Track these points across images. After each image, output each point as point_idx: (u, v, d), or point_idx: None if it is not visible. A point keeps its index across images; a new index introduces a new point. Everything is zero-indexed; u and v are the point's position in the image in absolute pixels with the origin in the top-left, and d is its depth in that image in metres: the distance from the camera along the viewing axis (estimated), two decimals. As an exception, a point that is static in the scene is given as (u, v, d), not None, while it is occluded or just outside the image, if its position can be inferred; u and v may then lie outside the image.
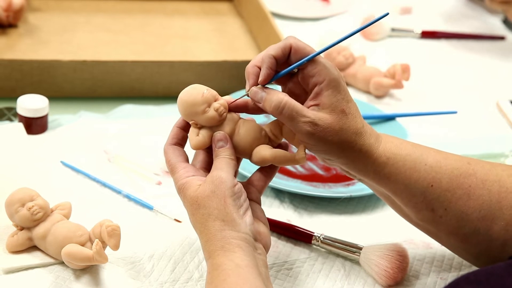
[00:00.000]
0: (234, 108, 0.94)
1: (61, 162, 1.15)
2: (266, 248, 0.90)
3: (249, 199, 0.91)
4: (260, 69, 0.91)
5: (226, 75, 1.34)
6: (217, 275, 0.84)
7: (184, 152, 0.93)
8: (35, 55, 1.36)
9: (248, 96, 0.92)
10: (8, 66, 1.27)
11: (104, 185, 1.12)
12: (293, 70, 0.91)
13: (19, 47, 1.39)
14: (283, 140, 0.95)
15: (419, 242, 1.08)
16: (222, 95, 1.30)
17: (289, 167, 1.20)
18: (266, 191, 1.14)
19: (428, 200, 0.92)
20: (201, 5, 1.63)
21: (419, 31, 1.66)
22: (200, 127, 0.92)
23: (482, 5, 1.80)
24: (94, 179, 1.12)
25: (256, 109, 0.93)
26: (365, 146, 0.91)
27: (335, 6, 1.73)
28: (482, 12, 1.80)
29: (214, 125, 0.92)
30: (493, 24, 1.75)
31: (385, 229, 1.10)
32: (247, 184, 0.94)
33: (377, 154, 0.92)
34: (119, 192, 1.10)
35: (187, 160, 0.93)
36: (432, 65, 1.57)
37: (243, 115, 0.95)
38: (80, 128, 1.23)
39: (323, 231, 1.07)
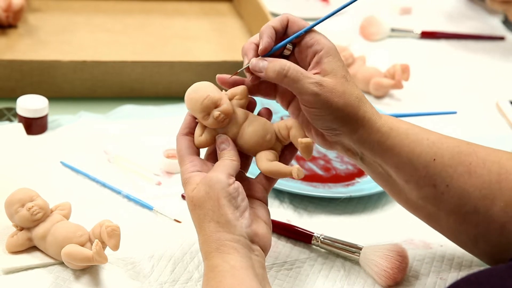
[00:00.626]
0: (232, 85, 0.94)
1: (61, 162, 1.15)
2: (265, 249, 0.90)
3: (254, 198, 0.92)
4: (257, 46, 0.91)
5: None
6: (213, 276, 0.84)
7: (194, 146, 0.93)
8: (35, 55, 1.36)
9: (246, 71, 0.92)
10: (8, 66, 1.27)
11: (104, 185, 1.12)
12: (289, 49, 0.92)
13: (19, 48, 1.39)
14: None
15: (419, 242, 1.08)
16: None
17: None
18: (266, 192, 1.14)
19: (430, 174, 0.92)
20: (201, 5, 1.63)
21: (419, 32, 1.66)
22: (205, 126, 0.92)
23: (482, 5, 1.80)
24: (94, 180, 1.12)
25: (254, 89, 0.94)
26: (368, 113, 0.91)
27: (335, 6, 1.73)
28: (481, 12, 1.80)
29: (219, 127, 0.92)
30: (493, 24, 1.75)
31: (385, 229, 1.10)
32: (254, 182, 0.94)
33: (380, 123, 0.92)
34: (119, 193, 1.10)
35: (196, 152, 0.92)
36: (431, 66, 1.57)
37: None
38: (80, 129, 1.23)
39: (322, 231, 1.07)
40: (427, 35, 1.66)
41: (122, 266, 0.97)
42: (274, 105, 1.32)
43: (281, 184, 1.14)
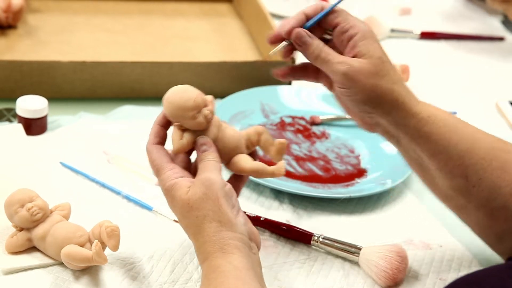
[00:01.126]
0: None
1: (61, 163, 1.15)
2: (259, 247, 0.90)
3: None
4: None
5: (226, 76, 1.34)
6: (215, 277, 0.84)
7: (168, 151, 0.93)
8: (34, 56, 1.36)
9: (287, 41, 0.95)
10: (8, 67, 1.27)
11: (104, 186, 1.12)
12: (329, 33, 0.96)
13: (19, 48, 1.39)
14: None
15: (419, 243, 1.08)
16: (222, 96, 1.30)
17: (288, 168, 1.20)
18: (266, 192, 1.14)
19: (464, 165, 0.92)
20: (200, 6, 1.63)
21: (419, 32, 1.66)
22: (184, 129, 0.91)
23: (482, 6, 1.80)
24: (93, 180, 1.12)
25: (300, 71, 0.99)
26: (402, 96, 0.92)
27: (335, 7, 1.73)
28: (481, 13, 1.80)
29: (199, 130, 0.92)
30: (493, 25, 1.75)
31: (385, 229, 1.10)
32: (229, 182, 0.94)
33: (417, 109, 0.92)
34: (118, 193, 1.11)
35: (172, 160, 0.92)
36: (431, 66, 1.57)
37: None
38: (79, 129, 1.23)
39: (322, 231, 1.07)
40: (426, 35, 1.66)
41: (122, 267, 0.97)
42: (274, 105, 1.33)
43: (281, 184, 1.14)
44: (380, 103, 0.91)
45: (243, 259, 0.85)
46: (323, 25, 0.96)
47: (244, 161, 0.93)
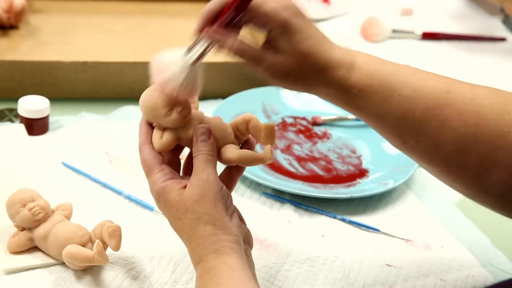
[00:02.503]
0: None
1: (62, 163, 1.15)
2: (251, 247, 0.89)
3: None
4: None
5: (227, 77, 1.34)
6: (210, 278, 0.83)
7: (160, 154, 0.91)
8: (36, 56, 1.36)
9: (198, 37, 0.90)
10: (10, 67, 1.27)
11: (105, 186, 1.12)
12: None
13: (21, 49, 1.39)
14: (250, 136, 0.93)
15: (420, 244, 1.08)
16: (224, 97, 1.30)
17: (290, 168, 1.20)
18: (267, 192, 1.14)
19: (399, 131, 0.90)
20: (202, 6, 1.61)
21: (420, 33, 1.65)
22: (163, 128, 0.90)
23: (483, 6, 1.80)
24: (95, 180, 1.12)
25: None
26: (333, 81, 0.89)
27: (336, 7, 1.73)
28: (483, 13, 1.80)
29: (179, 127, 0.90)
30: (494, 25, 1.75)
31: (386, 230, 1.10)
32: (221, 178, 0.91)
33: (347, 85, 0.89)
34: (120, 193, 1.11)
35: (162, 161, 0.90)
36: (433, 66, 1.56)
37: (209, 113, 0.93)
38: (81, 129, 1.23)
39: (323, 232, 1.07)
40: (428, 36, 1.66)
41: (123, 267, 0.97)
42: (276, 105, 1.33)
43: (282, 184, 1.14)
44: (309, 91, 0.89)
45: (238, 260, 0.84)
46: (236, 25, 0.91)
47: (229, 151, 0.89)
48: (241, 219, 0.91)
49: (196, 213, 0.85)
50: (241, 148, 0.92)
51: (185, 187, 0.87)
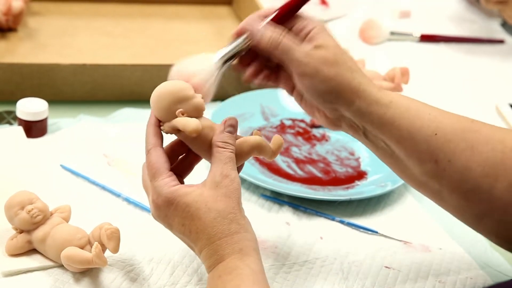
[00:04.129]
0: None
1: (61, 165, 1.15)
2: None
3: None
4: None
5: (226, 79, 1.34)
6: (231, 279, 0.82)
7: (167, 158, 0.90)
8: (34, 58, 1.36)
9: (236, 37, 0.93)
10: (8, 69, 1.27)
11: (104, 188, 1.12)
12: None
13: (19, 51, 1.39)
14: None
15: (418, 246, 1.08)
16: (222, 99, 1.31)
17: (288, 170, 1.20)
18: (266, 194, 1.14)
19: (432, 149, 0.90)
20: (200, 9, 1.63)
21: (418, 35, 1.66)
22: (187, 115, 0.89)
23: (481, 8, 1.80)
24: (93, 182, 1.12)
25: (256, 74, 0.97)
26: (363, 84, 0.91)
27: (334, 9, 1.73)
28: (481, 15, 1.80)
29: (199, 116, 0.89)
30: (492, 27, 1.75)
31: (384, 232, 1.10)
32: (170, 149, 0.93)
33: (378, 95, 0.91)
34: (118, 195, 1.11)
35: (169, 167, 0.89)
36: (431, 69, 1.57)
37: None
38: (79, 132, 1.23)
39: (322, 234, 1.07)
40: (426, 38, 1.66)
41: (122, 269, 0.97)
42: (274, 107, 1.33)
43: (281, 187, 1.14)
44: (341, 92, 0.90)
45: (259, 262, 0.84)
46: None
47: (243, 139, 0.90)
48: None
49: (220, 212, 0.85)
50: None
51: (200, 186, 0.87)
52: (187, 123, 0.87)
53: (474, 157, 0.90)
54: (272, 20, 0.93)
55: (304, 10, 0.95)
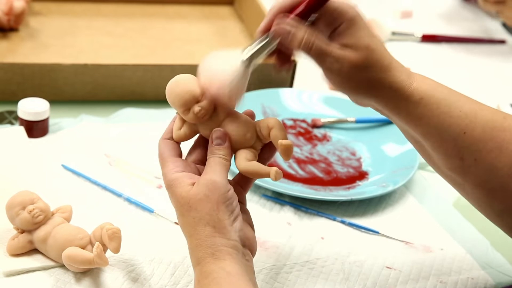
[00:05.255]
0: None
1: (62, 165, 1.15)
2: (253, 252, 0.89)
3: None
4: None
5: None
6: (207, 283, 0.83)
7: (178, 146, 0.91)
8: (36, 58, 1.36)
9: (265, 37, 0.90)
10: (9, 69, 1.27)
11: (105, 188, 1.12)
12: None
13: (20, 51, 1.39)
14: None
15: (419, 246, 1.08)
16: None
17: (290, 170, 1.20)
18: (267, 194, 1.14)
19: (458, 147, 0.90)
20: (202, 9, 1.63)
21: (420, 35, 1.66)
22: (184, 120, 0.89)
23: (481, 7, 1.80)
24: (94, 182, 1.12)
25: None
26: (395, 83, 0.89)
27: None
28: (482, 16, 1.80)
29: (198, 123, 0.90)
30: (493, 27, 1.75)
31: (385, 232, 1.10)
32: (233, 183, 0.91)
33: (409, 92, 0.90)
34: (119, 196, 1.11)
35: (179, 155, 0.90)
36: (432, 69, 1.57)
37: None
38: (81, 132, 1.23)
39: (323, 234, 1.07)
40: (428, 38, 1.66)
41: (123, 269, 0.97)
42: (275, 107, 1.33)
43: (282, 187, 1.14)
44: (373, 93, 0.89)
45: (235, 265, 0.84)
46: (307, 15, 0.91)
47: (240, 159, 0.89)
48: (250, 224, 0.90)
49: (198, 213, 0.85)
50: (262, 150, 0.92)
51: (194, 184, 0.87)
52: (174, 130, 0.90)
53: (502, 157, 0.89)
54: (298, 14, 0.89)
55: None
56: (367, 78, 0.89)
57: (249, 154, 0.90)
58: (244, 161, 0.89)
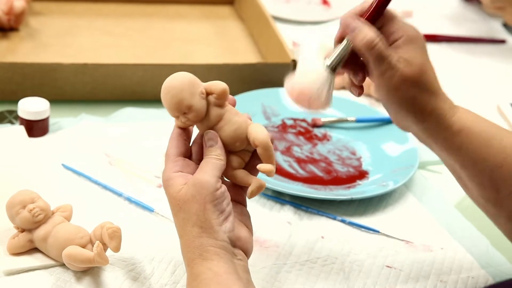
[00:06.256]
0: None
1: (62, 164, 1.15)
2: (247, 253, 0.89)
3: (234, 201, 0.90)
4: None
5: (227, 78, 1.33)
6: (196, 285, 0.83)
7: (186, 143, 0.90)
8: (36, 58, 1.36)
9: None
10: (10, 69, 1.27)
11: (105, 187, 1.12)
12: None
13: (21, 51, 1.39)
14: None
15: (420, 245, 1.08)
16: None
17: (290, 170, 1.20)
18: (267, 193, 1.14)
19: (494, 180, 0.91)
20: (202, 8, 1.63)
21: (420, 35, 1.66)
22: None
23: (483, 8, 1.80)
24: (95, 182, 1.12)
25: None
26: (438, 109, 0.91)
27: (336, 9, 1.73)
28: (483, 15, 1.80)
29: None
30: (494, 27, 1.75)
31: (386, 231, 1.10)
32: (233, 184, 0.92)
33: (450, 121, 0.91)
34: (120, 195, 1.11)
35: (184, 153, 0.90)
36: (433, 69, 1.57)
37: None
38: (81, 131, 1.23)
39: (323, 233, 1.07)
40: (428, 38, 1.66)
41: (123, 268, 0.98)
42: (275, 107, 1.33)
43: (282, 186, 1.14)
44: (415, 113, 0.91)
45: (223, 264, 0.84)
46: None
47: (230, 164, 0.90)
48: (246, 225, 0.90)
49: (186, 213, 0.85)
50: (253, 154, 0.91)
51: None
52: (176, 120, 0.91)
53: None
54: (367, 18, 0.92)
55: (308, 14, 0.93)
56: (413, 96, 0.90)
57: (237, 161, 0.90)
58: (229, 169, 0.90)
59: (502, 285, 0.84)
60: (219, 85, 0.90)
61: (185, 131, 0.91)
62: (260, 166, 0.88)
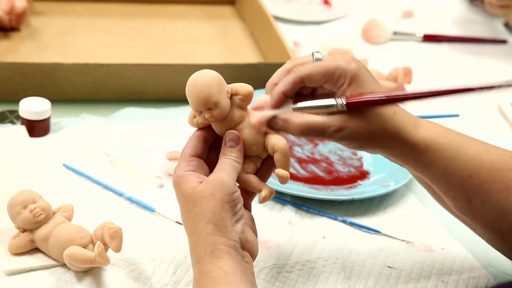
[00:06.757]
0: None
1: (63, 164, 1.15)
2: (253, 256, 0.89)
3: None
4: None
5: (228, 78, 1.33)
6: (206, 283, 0.83)
7: (204, 145, 0.90)
8: (37, 58, 1.36)
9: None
10: (11, 69, 1.27)
11: (106, 187, 1.12)
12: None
13: (22, 50, 1.40)
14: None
15: (420, 245, 1.08)
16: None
17: (291, 170, 1.20)
18: (268, 194, 1.14)
19: (466, 191, 0.91)
20: (203, 8, 1.63)
21: (421, 35, 1.66)
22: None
23: (484, 8, 1.80)
24: (96, 182, 1.12)
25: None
26: (399, 134, 0.90)
27: (337, 9, 1.73)
28: (484, 15, 1.80)
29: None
30: (495, 27, 1.75)
31: (387, 232, 1.10)
32: (242, 189, 0.91)
33: (415, 140, 0.90)
34: (121, 195, 1.11)
35: (200, 154, 0.90)
36: (434, 69, 1.57)
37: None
38: (82, 131, 1.23)
39: (324, 233, 1.07)
40: (429, 38, 1.66)
41: (124, 268, 0.97)
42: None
43: (283, 186, 1.14)
44: (378, 145, 0.91)
45: (234, 265, 0.84)
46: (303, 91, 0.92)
47: (243, 169, 0.90)
48: (253, 229, 0.91)
49: (202, 209, 0.86)
50: (266, 159, 0.92)
51: (202, 182, 0.87)
52: (189, 117, 0.91)
53: (510, 197, 0.90)
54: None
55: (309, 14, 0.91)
56: (369, 135, 0.89)
57: (250, 166, 0.91)
58: (242, 172, 0.90)
59: (504, 287, 0.84)
60: (245, 87, 0.91)
61: (207, 133, 0.91)
62: (278, 171, 0.89)
